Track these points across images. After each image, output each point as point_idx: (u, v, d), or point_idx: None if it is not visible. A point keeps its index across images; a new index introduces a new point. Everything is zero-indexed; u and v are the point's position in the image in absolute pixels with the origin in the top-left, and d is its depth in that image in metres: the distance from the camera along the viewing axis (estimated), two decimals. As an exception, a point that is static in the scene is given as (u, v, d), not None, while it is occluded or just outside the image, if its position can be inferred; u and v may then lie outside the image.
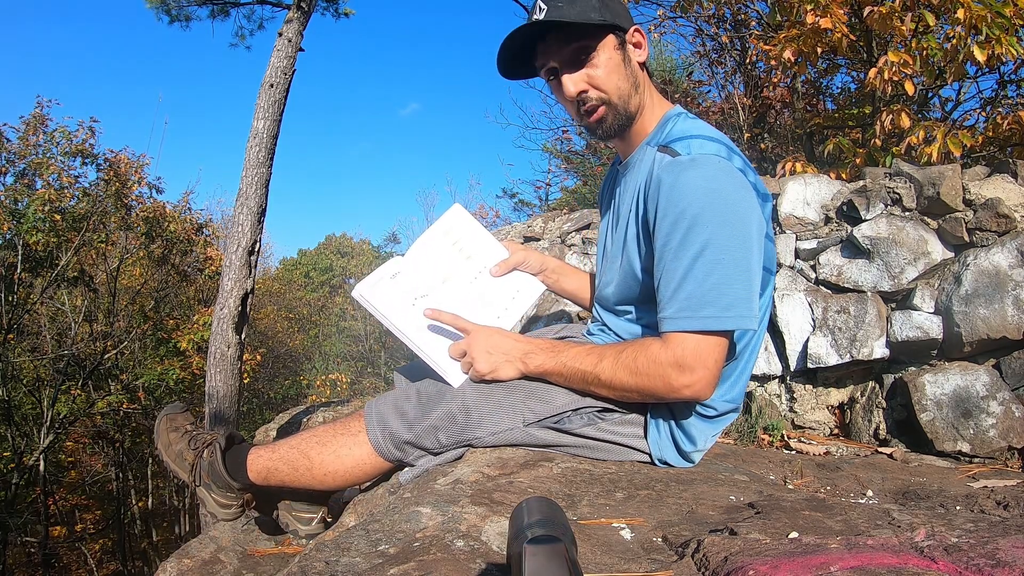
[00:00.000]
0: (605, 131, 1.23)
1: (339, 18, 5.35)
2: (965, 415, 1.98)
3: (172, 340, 8.76)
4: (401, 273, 1.28)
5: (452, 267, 1.33)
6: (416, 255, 1.31)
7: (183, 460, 1.37)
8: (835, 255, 2.37)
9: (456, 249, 1.35)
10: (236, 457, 1.32)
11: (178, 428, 1.42)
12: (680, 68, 6.68)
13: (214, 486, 1.33)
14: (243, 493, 1.34)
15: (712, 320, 1.05)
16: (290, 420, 3.49)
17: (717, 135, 1.18)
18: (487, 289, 1.34)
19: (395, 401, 1.26)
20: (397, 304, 1.24)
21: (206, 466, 1.34)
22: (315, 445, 1.27)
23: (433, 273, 1.30)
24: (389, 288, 1.25)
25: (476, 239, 1.37)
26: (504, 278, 1.37)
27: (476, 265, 1.35)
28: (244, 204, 4.05)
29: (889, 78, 2.89)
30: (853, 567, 0.63)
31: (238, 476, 1.31)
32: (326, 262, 23.30)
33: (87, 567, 9.09)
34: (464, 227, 1.37)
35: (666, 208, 1.08)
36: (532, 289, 1.39)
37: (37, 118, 8.05)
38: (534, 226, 4.19)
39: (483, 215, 12.96)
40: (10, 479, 7.63)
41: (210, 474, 1.33)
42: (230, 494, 1.33)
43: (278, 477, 1.29)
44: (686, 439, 1.23)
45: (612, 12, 1.17)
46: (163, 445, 1.40)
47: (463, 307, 1.28)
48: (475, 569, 0.77)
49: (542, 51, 1.21)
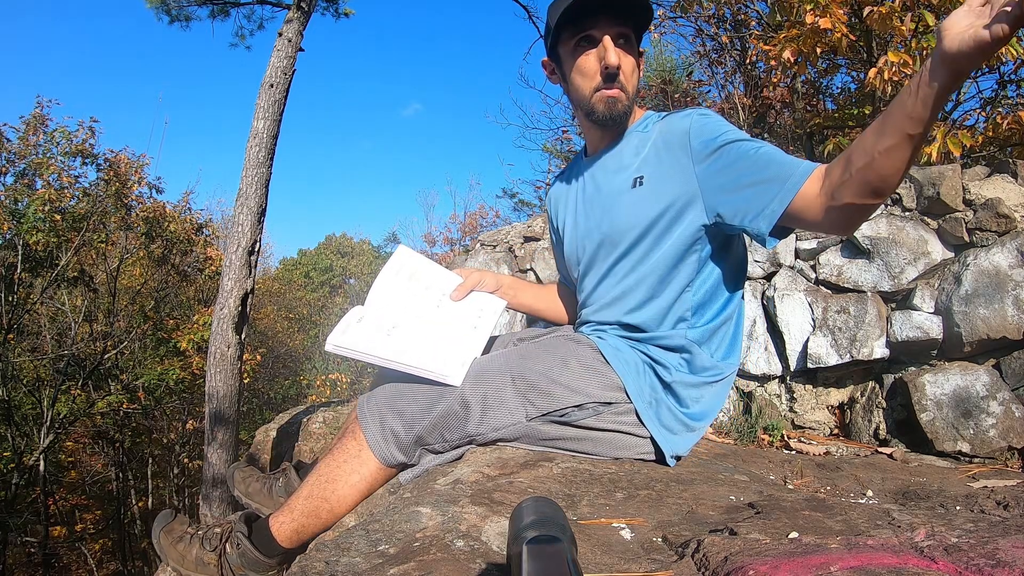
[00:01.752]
0: (615, 113, 1.27)
1: (339, 18, 5.35)
2: (965, 415, 1.98)
3: (172, 340, 8.75)
4: (366, 317, 1.30)
5: (414, 298, 1.36)
6: (376, 298, 1.34)
7: (206, 565, 1.33)
8: (835, 255, 2.37)
9: (413, 281, 1.39)
10: (262, 535, 1.30)
11: (181, 537, 1.37)
12: (680, 68, 6.68)
13: (252, 574, 1.31)
14: (281, 563, 1.32)
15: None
16: (290, 420, 3.49)
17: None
18: (452, 312, 1.37)
19: (390, 401, 1.24)
20: (373, 337, 1.25)
21: (236, 560, 1.31)
22: (327, 485, 1.25)
23: (397, 308, 1.33)
24: (359, 330, 1.26)
25: (428, 271, 1.42)
26: (465, 300, 1.40)
27: (436, 293, 1.39)
28: (244, 204, 4.05)
29: (889, 78, 2.89)
30: (853, 567, 0.63)
31: (273, 551, 1.29)
32: (326, 262, 23.30)
33: (87, 567, 9.09)
34: (414, 262, 1.42)
35: (713, 133, 1.17)
36: (494, 305, 1.43)
37: (37, 118, 8.04)
38: (534, 226, 4.19)
39: (483, 215, 12.96)
40: (10, 479, 7.63)
41: (244, 564, 1.31)
42: (271, 572, 1.31)
43: (309, 532, 1.27)
44: (696, 416, 1.26)
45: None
46: (176, 561, 1.35)
47: (434, 331, 1.30)
48: (475, 569, 0.77)
49: (599, 20, 1.25)
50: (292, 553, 1.31)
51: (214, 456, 3.96)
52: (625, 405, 1.22)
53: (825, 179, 1.05)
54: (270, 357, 13.49)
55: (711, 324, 1.26)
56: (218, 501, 3.96)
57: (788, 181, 1.08)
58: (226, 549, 1.33)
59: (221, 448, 3.97)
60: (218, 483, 3.95)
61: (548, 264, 3.77)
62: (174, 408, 9.97)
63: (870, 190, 0.99)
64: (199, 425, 9.23)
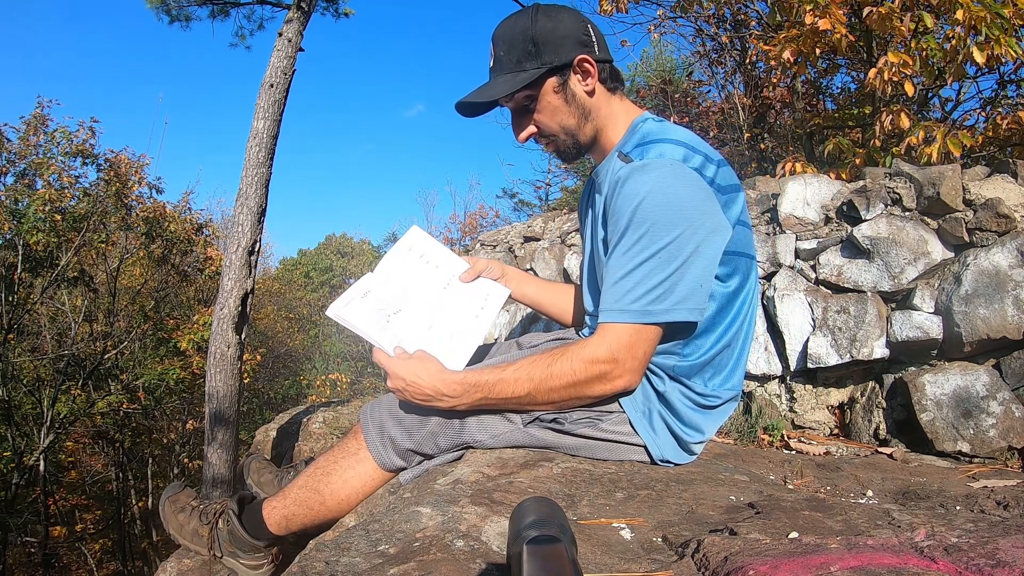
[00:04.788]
0: (564, 158, 1.30)
1: (339, 18, 5.33)
2: (965, 415, 1.98)
3: (172, 340, 8.74)
4: (372, 292, 1.30)
5: (423, 277, 1.37)
6: (385, 270, 1.34)
7: (200, 537, 1.37)
8: (835, 255, 2.37)
9: (423, 261, 1.39)
10: (252, 516, 1.31)
11: (184, 507, 1.41)
12: (680, 68, 6.68)
13: (240, 552, 1.32)
14: (270, 549, 1.33)
15: (638, 314, 1.11)
16: (290, 420, 3.49)
17: (677, 136, 1.19)
18: (459, 294, 1.38)
19: (391, 408, 1.25)
20: (372, 321, 1.25)
21: (225, 536, 1.34)
22: (321, 478, 1.27)
23: (404, 285, 1.33)
24: (362, 307, 1.26)
25: (439, 252, 1.42)
26: (473, 284, 1.41)
27: (445, 274, 1.39)
28: (244, 204, 4.04)
29: (889, 78, 2.89)
30: (853, 567, 0.63)
31: (261, 534, 1.30)
32: (326, 262, 23.30)
33: (87, 567, 9.08)
34: (426, 243, 1.42)
35: (615, 211, 1.14)
36: (499, 293, 1.43)
37: (37, 118, 8.04)
38: (534, 226, 4.19)
39: (483, 215, 12.96)
40: (10, 479, 7.62)
41: (232, 542, 1.33)
42: (258, 554, 1.33)
43: (297, 521, 1.28)
44: (691, 431, 1.24)
45: (551, 50, 1.18)
46: (175, 529, 1.39)
47: (437, 313, 1.31)
48: (475, 569, 0.77)
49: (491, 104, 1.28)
50: (281, 540, 1.33)
51: (214, 456, 3.96)
52: (619, 415, 1.23)
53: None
54: (270, 357, 13.49)
55: (705, 356, 1.22)
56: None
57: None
58: (218, 524, 1.36)
59: (221, 448, 3.96)
60: (218, 483, 3.95)
61: (548, 264, 3.78)
62: (174, 408, 9.96)
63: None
64: (199, 425, 9.23)
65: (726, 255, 1.16)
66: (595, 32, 1.23)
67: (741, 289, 1.24)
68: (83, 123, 8.21)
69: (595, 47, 1.21)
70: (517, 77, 1.18)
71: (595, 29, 1.24)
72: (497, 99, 1.21)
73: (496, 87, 1.19)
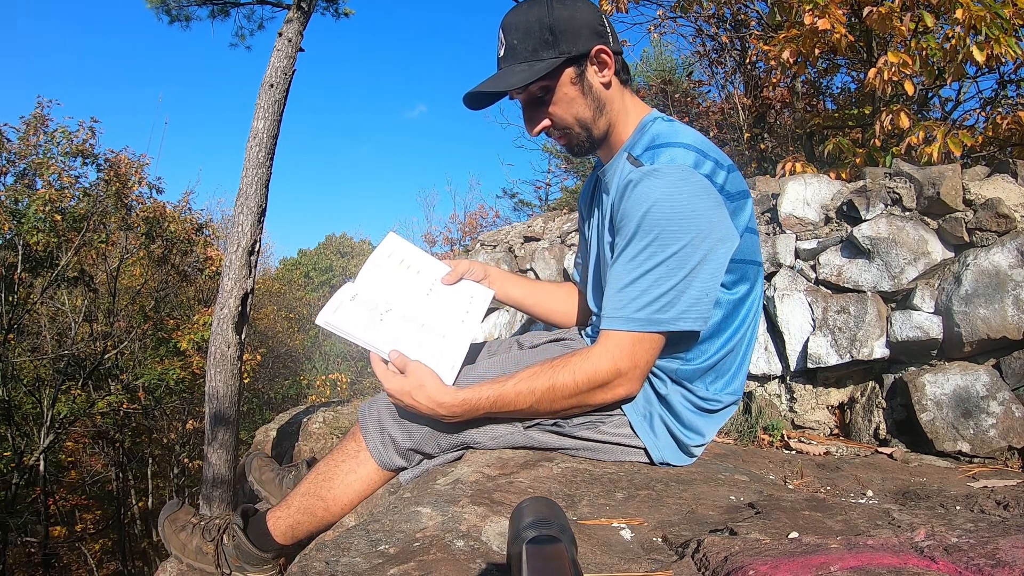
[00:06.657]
0: (575, 152, 1.27)
1: (339, 18, 5.33)
2: (965, 415, 1.98)
3: (172, 340, 8.74)
4: (359, 295, 1.29)
5: (406, 282, 1.36)
6: (367, 277, 1.33)
7: (204, 555, 1.35)
8: (835, 255, 2.37)
9: (404, 267, 1.38)
10: (258, 529, 1.30)
11: (184, 526, 1.39)
12: (680, 68, 6.69)
13: (247, 565, 1.32)
14: (277, 559, 1.33)
15: (642, 323, 1.10)
16: (290, 420, 3.49)
17: (689, 139, 1.17)
18: (444, 298, 1.37)
19: (390, 407, 1.24)
20: (364, 321, 1.24)
21: (231, 551, 1.33)
22: (323, 483, 1.26)
23: (390, 290, 1.32)
24: (351, 310, 1.25)
25: (419, 257, 1.41)
26: (456, 287, 1.40)
27: (427, 278, 1.38)
28: (244, 204, 4.04)
29: (889, 78, 2.90)
30: (853, 567, 0.63)
31: (268, 546, 1.29)
32: (326, 262, 23.30)
33: (87, 567, 9.08)
34: (405, 248, 1.41)
35: (623, 216, 1.13)
36: (483, 294, 1.42)
37: (37, 118, 8.04)
38: (534, 226, 4.19)
39: (483, 215, 12.97)
40: (10, 479, 7.62)
41: (239, 556, 1.32)
42: (266, 566, 1.32)
43: (303, 529, 1.28)
44: (692, 434, 1.24)
45: (569, 39, 1.14)
46: (178, 549, 1.37)
47: (426, 316, 1.30)
48: (475, 569, 0.77)
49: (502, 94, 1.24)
50: (288, 549, 1.32)
51: (214, 456, 3.96)
52: (620, 418, 1.22)
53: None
54: (270, 357, 13.48)
55: (708, 361, 1.21)
56: (218, 501, 3.95)
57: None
58: (223, 540, 1.35)
59: (221, 448, 3.96)
60: (218, 483, 3.95)
61: (548, 264, 3.78)
62: (174, 408, 9.96)
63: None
64: (199, 425, 9.23)
65: (733, 263, 1.15)
66: (608, 23, 1.21)
67: (747, 296, 1.23)
68: (83, 123, 8.22)
69: (610, 38, 1.19)
70: (534, 67, 1.13)
71: (608, 20, 1.21)
72: (511, 90, 1.16)
73: (513, 76, 1.14)
